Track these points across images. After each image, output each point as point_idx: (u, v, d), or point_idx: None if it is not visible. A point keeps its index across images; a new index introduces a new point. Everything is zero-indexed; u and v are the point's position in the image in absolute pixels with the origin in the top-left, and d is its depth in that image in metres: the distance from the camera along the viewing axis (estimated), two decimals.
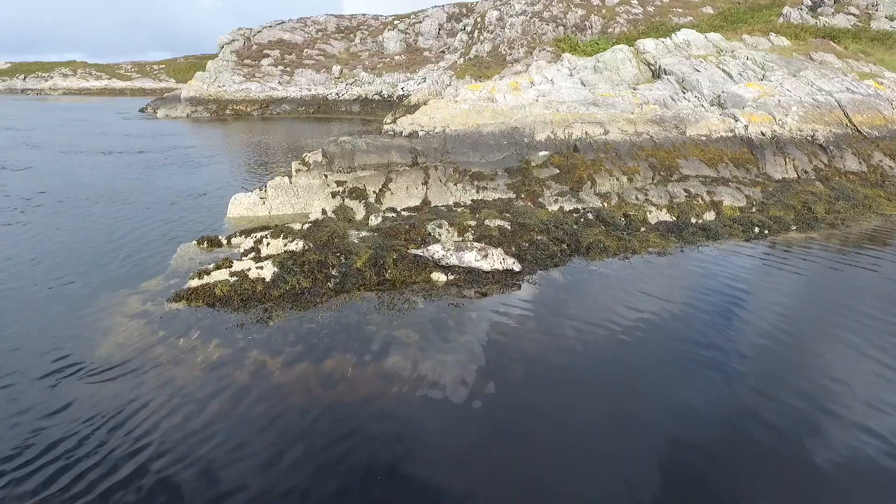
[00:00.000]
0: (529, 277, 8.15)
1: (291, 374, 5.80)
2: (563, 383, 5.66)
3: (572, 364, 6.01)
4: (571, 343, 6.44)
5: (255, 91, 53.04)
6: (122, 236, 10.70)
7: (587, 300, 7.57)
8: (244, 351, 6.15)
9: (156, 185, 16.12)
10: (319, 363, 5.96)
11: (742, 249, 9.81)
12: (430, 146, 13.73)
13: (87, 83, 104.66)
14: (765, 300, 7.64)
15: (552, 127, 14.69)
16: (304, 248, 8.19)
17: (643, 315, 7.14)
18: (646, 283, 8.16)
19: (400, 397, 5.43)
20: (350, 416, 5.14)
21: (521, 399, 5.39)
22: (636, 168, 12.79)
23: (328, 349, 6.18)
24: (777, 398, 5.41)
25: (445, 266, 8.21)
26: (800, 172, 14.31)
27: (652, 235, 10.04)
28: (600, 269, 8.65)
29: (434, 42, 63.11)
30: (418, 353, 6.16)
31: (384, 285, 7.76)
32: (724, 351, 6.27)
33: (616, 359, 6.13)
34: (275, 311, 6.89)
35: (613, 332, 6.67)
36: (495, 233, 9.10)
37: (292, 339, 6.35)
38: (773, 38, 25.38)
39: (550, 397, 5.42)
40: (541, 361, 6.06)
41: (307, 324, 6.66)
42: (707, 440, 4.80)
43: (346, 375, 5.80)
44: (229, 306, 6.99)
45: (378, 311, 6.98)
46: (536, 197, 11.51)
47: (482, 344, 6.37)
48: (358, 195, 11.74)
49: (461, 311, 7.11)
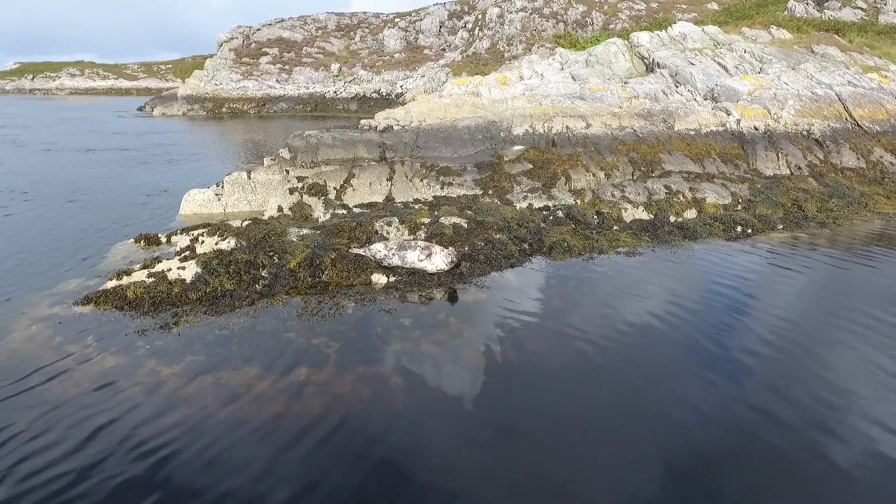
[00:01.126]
0: (479, 280, 7.46)
1: (188, 388, 5.16)
2: (502, 396, 4.98)
3: (514, 378, 5.32)
4: (512, 355, 5.75)
5: (252, 89, 52.64)
6: (64, 235, 10.12)
7: (537, 304, 6.87)
8: (140, 360, 5.51)
9: (121, 182, 15.58)
10: (222, 375, 5.31)
11: (720, 249, 9.06)
12: (400, 141, 13.07)
13: (94, 83, 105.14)
14: (743, 300, 6.91)
15: (531, 121, 13.98)
16: (234, 247, 7.56)
17: (600, 321, 6.43)
18: (604, 286, 7.45)
19: (310, 412, 4.77)
20: (249, 436, 4.49)
21: (455, 412, 4.71)
22: (615, 163, 12.05)
23: (234, 360, 5.53)
24: (785, 398, 4.94)
25: (388, 267, 7.54)
26: (793, 168, 13.51)
27: (623, 235, 9.31)
28: (559, 270, 7.95)
29: (435, 40, 62.44)
30: (335, 365, 5.50)
31: (318, 288, 7.10)
32: (715, 354, 5.56)
33: (562, 371, 5.44)
34: (185, 317, 6.25)
35: (559, 345, 5.98)
36: (449, 231, 8.42)
37: (197, 348, 5.70)
38: (774, 31, 24.49)
39: (491, 412, 4.74)
40: (478, 374, 5.38)
41: (218, 331, 6.02)
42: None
43: (250, 389, 5.14)
44: (139, 310, 6.36)
45: (300, 318, 6.32)
46: (504, 193, 10.81)
47: (409, 354, 5.70)
48: (317, 191, 11.10)
49: (393, 317, 6.43)
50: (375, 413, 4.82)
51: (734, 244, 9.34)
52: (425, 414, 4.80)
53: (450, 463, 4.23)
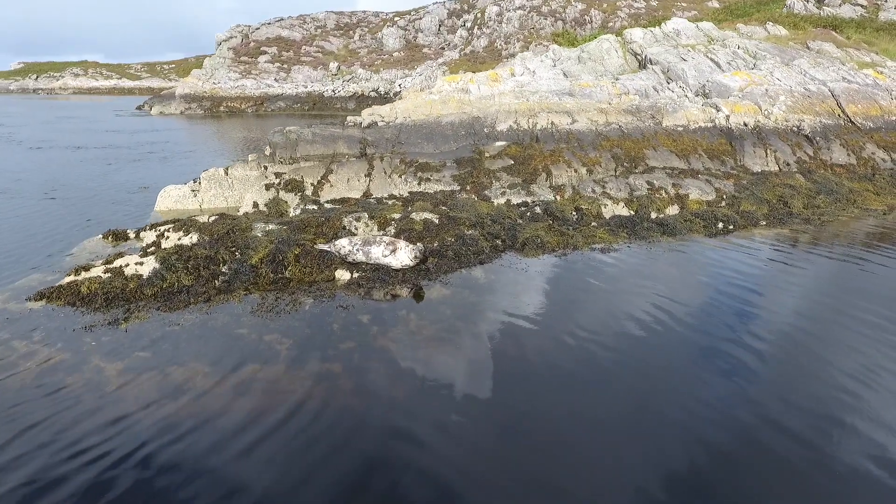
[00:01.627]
0: (445, 276, 7.29)
1: (130, 384, 5.00)
2: (457, 394, 4.81)
3: (472, 375, 5.15)
4: (472, 353, 5.58)
5: (250, 88, 52.60)
6: (36, 232, 10.01)
7: (503, 301, 6.70)
8: (85, 357, 5.37)
9: (105, 179, 15.48)
10: (166, 372, 5.16)
11: (698, 245, 8.87)
12: (382, 137, 12.91)
13: (97, 83, 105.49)
14: (717, 295, 6.72)
15: (516, 117, 13.79)
16: (195, 243, 7.41)
17: (566, 318, 6.26)
18: (575, 282, 7.27)
19: (253, 410, 4.62)
20: (185, 434, 4.34)
21: (405, 409, 4.55)
22: (598, 159, 11.86)
23: (181, 356, 5.37)
24: (794, 402, 4.76)
25: (353, 263, 7.38)
26: (781, 165, 13.28)
27: (600, 231, 9.13)
28: (530, 266, 7.77)
29: (434, 39, 62.28)
30: (284, 362, 5.34)
31: (280, 284, 6.95)
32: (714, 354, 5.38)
33: (521, 367, 5.27)
34: (137, 313, 6.10)
35: (521, 342, 5.81)
36: (419, 227, 8.25)
37: (144, 344, 5.55)
38: (770, 28, 24.25)
39: (445, 410, 4.57)
40: (432, 373, 5.21)
41: (168, 327, 5.87)
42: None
43: (193, 386, 4.99)
44: (91, 306, 6.22)
45: (254, 314, 6.17)
46: (483, 189, 10.63)
47: (363, 351, 5.54)
48: (294, 187, 10.95)
49: (350, 313, 6.27)
50: (322, 411, 4.65)
51: (713, 240, 9.14)
52: (374, 412, 4.64)
53: (392, 462, 4.07)
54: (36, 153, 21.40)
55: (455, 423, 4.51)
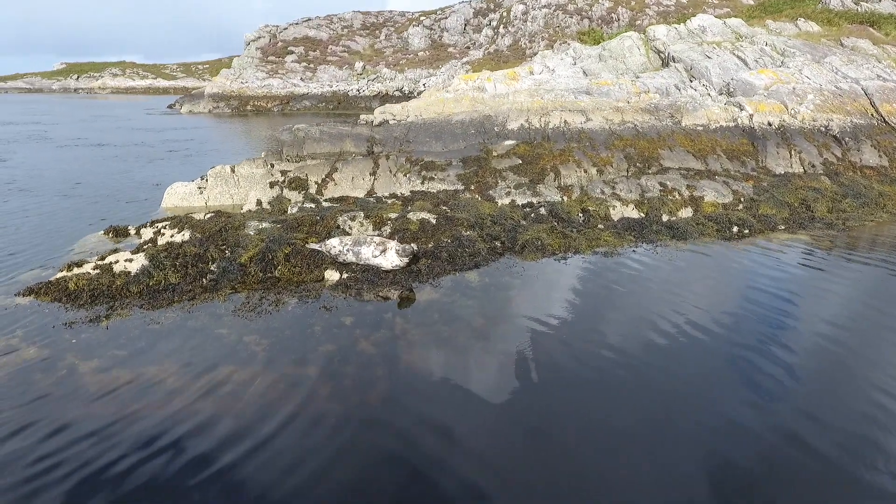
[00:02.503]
0: (436, 279, 7.08)
1: (102, 380, 4.93)
2: (444, 404, 4.60)
3: (456, 384, 4.94)
4: (455, 360, 5.37)
5: (276, 87, 53.24)
6: (43, 227, 10.16)
7: (494, 306, 6.45)
8: (62, 353, 5.33)
9: (121, 176, 15.74)
10: (139, 370, 5.08)
11: (708, 250, 8.45)
12: (390, 135, 12.78)
13: (134, 83, 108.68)
14: (726, 302, 6.35)
15: (527, 115, 13.49)
16: (187, 240, 7.36)
17: (559, 324, 5.99)
18: (571, 287, 6.97)
19: (218, 413, 4.49)
20: (148, 430, 4.25)
21: (379, 417, 4.37)
22: (609, 159, 11.48)
23: (156, 355, 5.29)
24: (823, 419, 4.44)
25: (344, 263, 7.23)
26: (806, 166, 12.67)
27: (605, 234, 8.79)
28: (527, 270, 7.49)
29: (459, 38, 62.08)
30: (260, 364, 5.21)
31: (268, 284, 6.84)
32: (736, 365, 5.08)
33: (505, 378, 5.03)
34: (119, 310, 6.05)
35: (508, 350, 5.57)
36: (415, 227, 8.06)
37: (122, 342, 5.49)
38: (801, 24, 23.33)
39: (426, 419, 4.37)
40: (410, 379, 5.02)
41: (147, 325, 5.80)
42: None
43: (163, 386, 4.89)
44: (76, 302, 6.20)
45: (236, 314, 6.06)
46: (487, 189, 10.38)
47: (342, 355, 5.37)
48: (298, 185, 10.88)
49: (333, 315, 6.11)
50: (293, 417, 4.50)
51: (725, 245, 8.70)
52: (348, 418, 4.46)
53: (367, 474, 3.88)
54: (62, 150, 21.95)
55: (431, 430, 4.30)
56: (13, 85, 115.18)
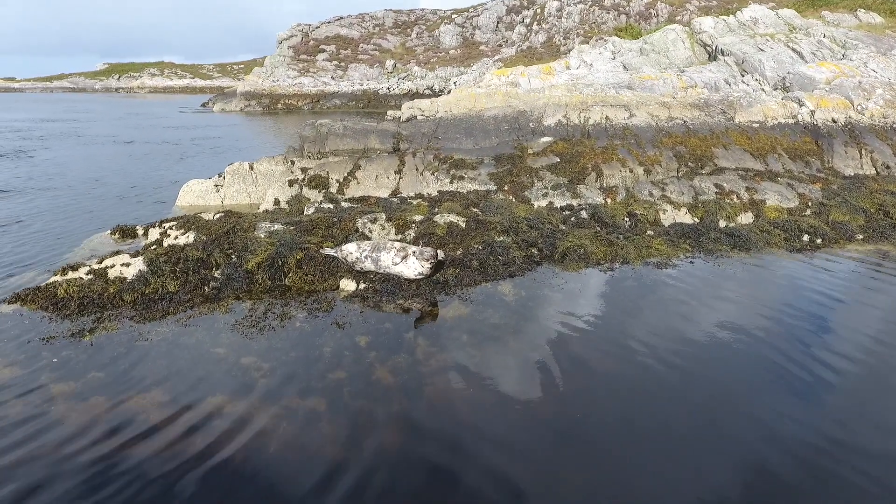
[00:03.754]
0: (466, 290, 6.22)
1: (74, 412, 4.24)
2: (475, 455, 3.76)
3: (485, 425, 4.09)
4: (485, 397, 4.51)
5: (307, 86, 53.19)
6: (52, 226, 9.69)
7: (532, 326, 5.56)
8: (36, 373, 4.66)
9: (144, 174, 15.36)
10: (120, 398, 4.36)
11: (779, 262, 7.37)
12: (418, 131, 11.97)
13: (172, 82, 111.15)
14: (805, 325, 5.32)
15: (566, 110, 12.51)
16: (190, 242, 6.68)
17: (611, 352, 5.07)
18: (623, 304, 6.03)
19: (204, 455, 3.74)
20: (131, 476, 3.53)
21: (399, 463, 3.55)
22: (657, 158, 10.42)
23: (140, 379, 4.57)
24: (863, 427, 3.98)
25: (362, 272, 6.43)
26: (879, 168, 11.36)
27: (657, 241, 7.78)
28: (569, 283, 6.56)
29: (492, 36, 61.06)
30: (258, 393, 4.44)
31: (276, 293, 6.09)
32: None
33: (549, 417, 4.15)
34: (106, 322, 5.37)
35: (551, 383, 4.68)
36: (441, 231, 7.21)
37: (103, 362, 4.79)
38: (862, 15, 21.67)
39: (450, 466, 3.54)
40: (434, 420, 4.19)
41: (136, 342, 5.09)
42: None
43: (142, 419, 4.16)
44: (62, 312, 5.56)
45: (235, 330, 5.31)
46: (522, 189, 9.46)
47: (353, 385, 4.56)
48: (318, 184, 10.16)
49: (346, 333, 5.30)
50: (290, 462, 3.71)
51: (796, 257, 7.60)
52: (356, 465, 3.65)
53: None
54: (91, 147, 21.89)
55: (454, 489, 3.46)
56: (59, 85, 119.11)
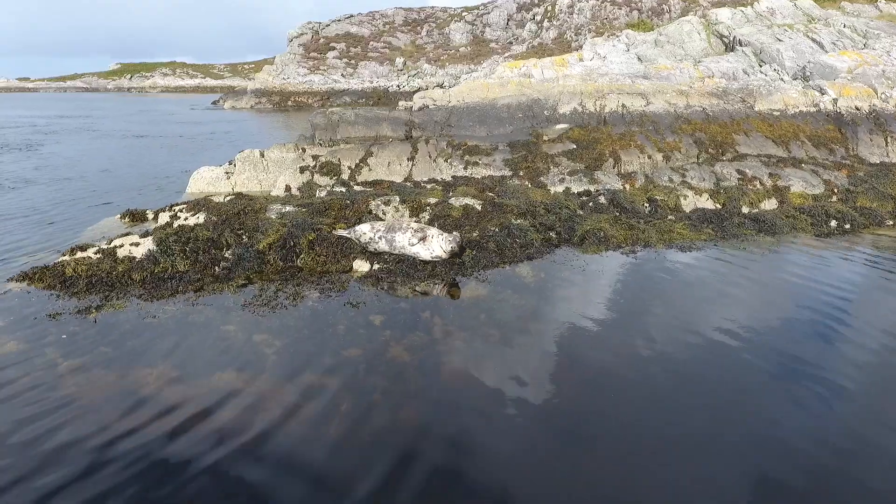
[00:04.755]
0: (482, 272, 6.02)
1: (82, 386, 4.09)
2: (492, 434, 3.57)
3: (504, 407, 3.89)
4: (503, 372, 4.31)
5: (317, 83, 53.20)
6: (63, 211, 9.61)
7: (550, 306, 5.35)
8: (42, 348, 4.52)
9: (154, 165, 15.31)
10: (126, 373, 4.21)
11: (807, 247, 7.11)
12: (430, 119, 11.79)
13: (183, 81, 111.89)
14: (833, 312, 5.08)
15: (581, 98, 12.28)
16: (201, 223, 6.53)
17: (631, 331, 4.86)
18: (646, 287, 5.80)
19: (216, 432, 3.57)
20: (135, 454, 3.37)
21: (411, 443, 3.37)
22: (676, 144, 10.16)
23: (149, 355, 4.42)
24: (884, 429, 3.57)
25: (375, 253, 6.25)
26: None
27: (679, 225, 7.54)
28: (589, 265, 6.35)
29: (502, 33, 60.74)
30: (270, 370, 4.27)
31: (288, 274, 5.92)
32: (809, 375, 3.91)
33: (572, 397, 3.94)
34: (114, 300, 5.23)
35: (571, 362, 4.47)
36: (457, 213, 7.01)
37: (113, 338, 4.64)
38: (882, 6, 21.20)
39: (464, 451, 3.36)
40: (452, 397, 4.00)
41: (145, 319, 4.94)
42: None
43: (152, 394, 4.01)
44: (71, 290, 5.42)
45: (247, 308, 5.14)
46: (538, 175, 9.24)
47: (369, 363, 4.38)
48: (330, 170, 10.00)
49: (360, 312, 5.12)
50: (305, 440, 3.53)
51: (823, 242, 7.33)
52: (373, 443, 3.47)
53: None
54: (101, 141, 21.92)
55: (476, 465, 3.27)
56: (72, 84, 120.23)
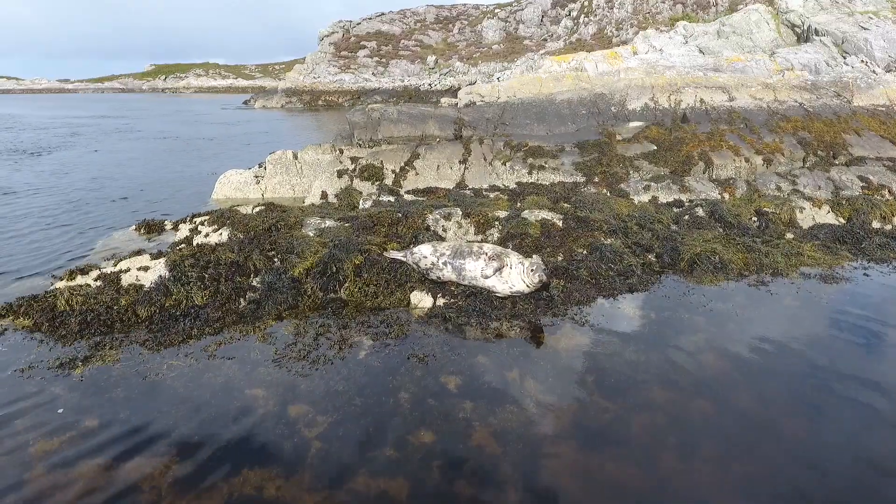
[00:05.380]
0: (578, 310, 4.68)
1: (52, 487, 2.91)
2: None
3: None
4: (632, 471, 2.99)
5: (348, 82, 52.46)
6: (82, 218, 8.63)
7: (677, 357, 3.99)
8: (9, 419, 3.37)
9: (182, 167, 14.39)
10: (118, 465, 3.02)
11: None
12: (481, 116, 10.48)
13: (215, 82, 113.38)
14: None
15: (652, 92, 10.81)
16: (224, 242, 5.35)
17: (799, 411, 3.48)
18: (803, 330, 4.39)
19: None
20: None
21: None
22: (777, 145, 8.62)
23: (145, 435, 3.22)
24: None
25: (438, 282, 4.97)
26: None
27: (807, 246, 6.06)
28: (712, 301, 4.94)
29: (536, 30, 59.12)
30: (312, 467, 3.02)
31: (331, 309, 4.68)
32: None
33: None
34: (105, 350, 4.03)
35: (719, 455, 3.12)
36: (535, 231, 5.68)
37: (100, 408, 3.45)
38: None
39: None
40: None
41: (144, 378, 3.74)
42: None
43: (169, 490, 2.81)
44: (57, 333, 4.26)
45: (280, 364, 3.90)
46: (617, 182, 7.84)
47: (448, 457, 3.10)
48: (372, 175, 8.78)
49: (429, 371, 3.84)
50: None
51: None
52: None
53: None
54: (129, 142, 21.27)
55: None
56: (109, 85, 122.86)
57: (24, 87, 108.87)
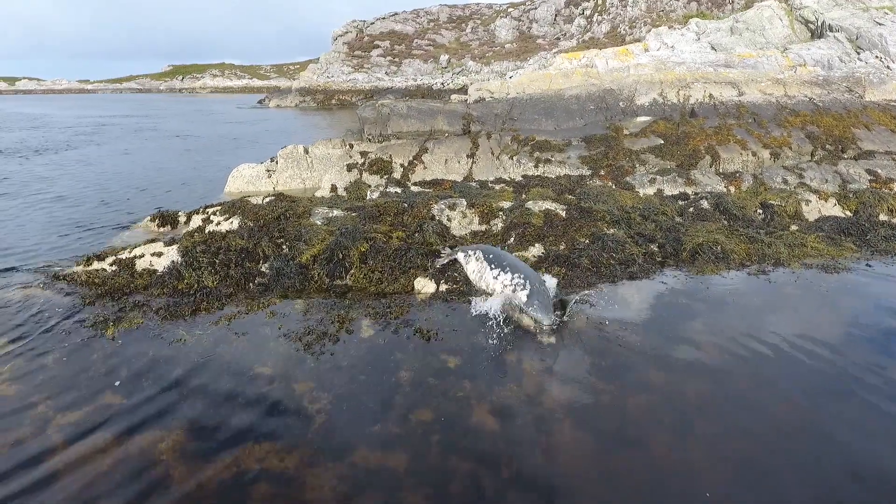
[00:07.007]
0: (577, 293, 4.77)
1: (80, 453, 3.08)
2: None
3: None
4: (632, 454, 3.08)
5: (361, 81, 52.78)
6: (101, 213, 8.89)
7: (676, 348, 4.07)
8: (30, 392, 3.55)
9: (198, 164, 14.66)
10: (127, 441, 3.17)
11: None
12: (490, 112, 10.57)
13: (231, 82, 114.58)
14: None
15: (661, 88, 10.83)
16: (234, 229, 5.52)
17: (791, 399, 3.55)
18: (800, 320, 4.44)
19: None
20: None
21: None
22: (785, 139, 8.62)
23: (157, 414, 3.38)
24: None
25: (441, 270, 5.08)
26: None
27: (810, 238, 6.09)
28: (711, 289, 5.00)
29: (549, 29, 58.97)
30: (313, 441, 3.15)
31: (336, 293, 4.82)
32: None
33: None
34: (126, 321, 4.22)
35: (712, 432, 3.20)
36: (538, 220, 5.77)
37: (113, 384, 3.63)
38: None
39: None
40: (566, 487, 2.80)
41: (164, 349, 3.91)
42: None
43: (163, 472, 2.96)
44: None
45: (287, 339, 4.05)
46: (623, 175, 7.90)
47: (447, 432, 3.22)
48: (381, 168, 8.92)
49: (430, 351, 3.95)
50: None
51: None
52: None
53: None
54: (145, 141, 21.68)
55: None
56: (127, 86, 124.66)
57: (45, 87, 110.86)
